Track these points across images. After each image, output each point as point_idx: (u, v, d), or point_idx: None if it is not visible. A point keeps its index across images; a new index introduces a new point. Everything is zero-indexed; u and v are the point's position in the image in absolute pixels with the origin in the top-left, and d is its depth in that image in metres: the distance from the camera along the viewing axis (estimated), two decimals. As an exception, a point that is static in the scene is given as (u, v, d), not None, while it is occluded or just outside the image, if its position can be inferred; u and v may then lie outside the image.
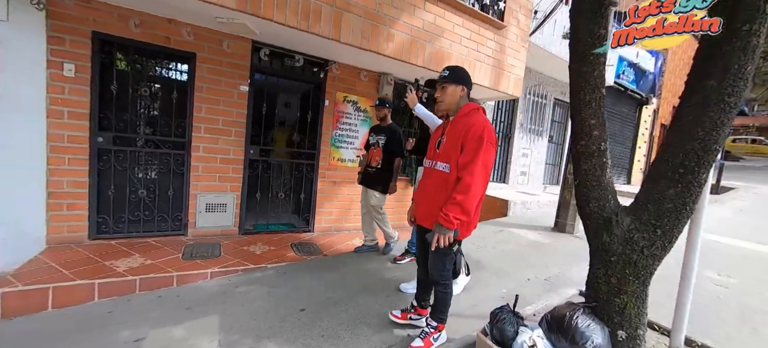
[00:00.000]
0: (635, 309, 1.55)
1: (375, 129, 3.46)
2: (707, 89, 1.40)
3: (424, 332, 1.95)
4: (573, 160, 1.73)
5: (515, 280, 2.94)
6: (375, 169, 3.32)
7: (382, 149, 3.28)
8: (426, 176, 1.92)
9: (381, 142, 3.31)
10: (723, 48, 1.37)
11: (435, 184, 1.79)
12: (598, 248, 1.63)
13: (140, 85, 3.29)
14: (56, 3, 2.85)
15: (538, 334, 1.56)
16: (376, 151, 3.33)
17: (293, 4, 3.00)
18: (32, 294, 2.31)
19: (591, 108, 1.61)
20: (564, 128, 7.90)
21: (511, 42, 4.84)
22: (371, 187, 3.33)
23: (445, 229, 1.63)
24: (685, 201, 1.45)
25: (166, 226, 3.49)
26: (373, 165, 3.34)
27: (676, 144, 1.48)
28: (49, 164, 2.96)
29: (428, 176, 1.88)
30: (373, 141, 3.39)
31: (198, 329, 2.12)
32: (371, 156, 3.39)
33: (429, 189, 1.84)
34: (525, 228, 4.53)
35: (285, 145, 4.77)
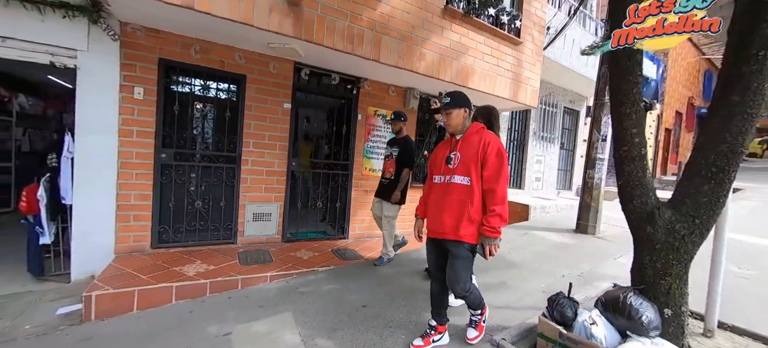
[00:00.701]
0: (679, 290, 1.80)
1: (391, 142, 3.57)
2: (732, 103, 1.68)
3: (474, 322, 2.11)
4: (616, 164, 1.99)
5: (551, 277, 3.17)
6: (389, 180, 3.42)
7: (395, 161, 3.40)
8: (442, 191, 1.94)
9: (395, 153, 3.43)
10: (742, 69, 1.65)
11: (459, 197, 1.86)
12: (643, 239, 1.89)
13: (198, 105, 3.59)
14: (129, 34, 3.18)
15: (596, 314, 1.79)
16: (389, 163, 3.45)
17: (340, 30, 3.33)
18: (120, 297, 2.55)
19: (631, 119, 1.89)
20: (573, 135, 8.19)
21: (527, 56, 5.17)
22: (385, 198, 3.43)
23: (491, 239, 1.79)
24: (719, 195, 1.71)
25: (218, 235, 3.74)
26: (387, 176, 3.45)
27: (708, 147, 1.75)
28: (119, 179, 3.23)
29: (446, 191, 1.92)
30: (388, 153, 3.51)
31: (276, 324, 2.35)
32: (385, 167, 3.50)
33: (451, 202, 1.88)
34: (547, 231, 4.77)
35: (322, 157, 5.05)
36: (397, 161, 3.39)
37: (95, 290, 2.50)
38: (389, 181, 3.43)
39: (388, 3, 3.64)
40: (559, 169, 7.90)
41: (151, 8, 2.73)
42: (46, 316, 2.55)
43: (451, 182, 1.91)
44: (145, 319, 2.47)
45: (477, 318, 2.10)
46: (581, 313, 1.83)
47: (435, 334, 2.08)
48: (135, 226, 3.34)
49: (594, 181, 4.61)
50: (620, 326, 1.74)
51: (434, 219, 1.98)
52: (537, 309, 2.48)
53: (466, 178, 1.86)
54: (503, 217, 1.80)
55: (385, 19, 3.63)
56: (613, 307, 1.78)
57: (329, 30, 3.28)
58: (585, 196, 4.68)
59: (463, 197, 1.85)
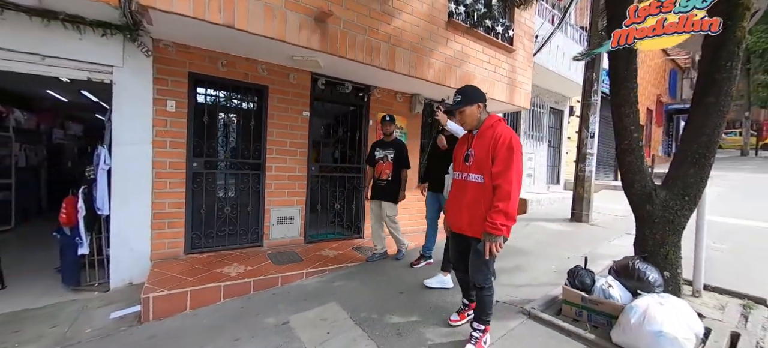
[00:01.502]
0: (674, 255, 2.20)
1: (380, 144, 3.69)
2: (708, 104, 2.10)
3: (474, 338, 1.98)
4: (618, 155, 2.39)
5: (558, 259, 3.56)
6: (386, 181, 3.56)
7: (392, 163, 3.55)
8: (459, 188, 1.99)
9: (390, 156, 3.56)
10: (715, 76, 2.07)
11: (474, 195, 1.87)
12: (644, 216, 2.28)
13: (224, 116, 3.78)
14: (161, 50, 3.34)
15: (610, 279, 2.16)
16: (385, 165, 3.56)
17: (360, 43, 3.63)
18: (175, 297, 2.71)
19: (630, 118, 2.29)
20: (559, 133, 8.79)
21: (520, 63, 5.64)
22: (385, 199, 3.58)
23: (493, 236, 1.73)
24: (702, 176, 2.13)
25: (246, 239, 3.91)
26: (384, 178, 3.57)
27: (691, 139, 2.17)
28: (154, 188, 3.37)
29: (462, 188, 1.96)
30: (381, 155, 3.60)
31: (326, 312, 2.59)
32: (381, 170, 3.58)
33: (467, 201, 1.90)
34: (546, 221, 5.21)
35: (337, 161, 5.28)
36: (395, 163, 3.56)
37: (152, 292, 2.65)
38: (386, 182, 3.57)
39: (400, 18, 3.97)
40: (548, 166, 8.46)
41: (192, 27, 2.93)
42: (101, 320, 2.67)
43: (467, 180, 1.92)
44: (200, 316, 2.65)
45: (478, 335, 1.97)
46: (598, 279, 2.20)
47: (468, 310, 2.32)
48: (169, 232, 3.47)
49: (585, 174, 5.10)
50: (631, 287, 2.11)
51: (454, 215, 2.02)
52: (552, 285, 2.85)
53: (480, 177, 1.86)
54: (508, 215, 1.72)
55: (398, 33, 3.96)
56: (625, 273, 2.15)
57: (350, 44, 3.57)
58: (578, 188, 5.16)
59: (477, 196, 1.86)
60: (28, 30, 2.80)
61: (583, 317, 2.17)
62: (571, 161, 8.94)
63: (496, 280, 2.98)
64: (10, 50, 2.79)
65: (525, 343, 2.09)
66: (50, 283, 3.32)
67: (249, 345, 2.19)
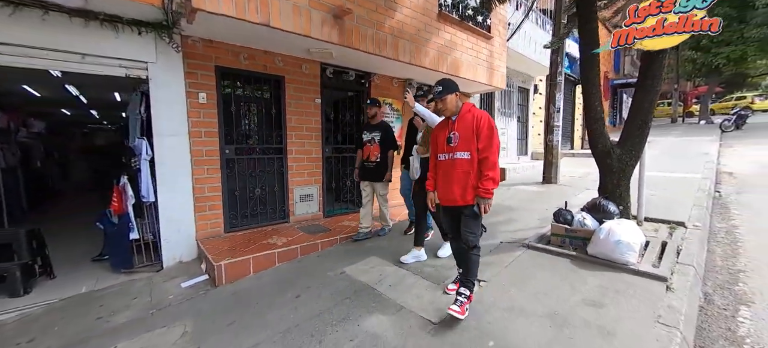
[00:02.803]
0: (626, 194, 3.09)
1: (367, 127, 3.84)
2: (647, 84, 2.93)
3: (459, 302, 2.14)
4: (587, 124, 3.20)
5: (539, 211, 4.44)
6: (375, 163, 3.71)
7: (379, 144, 3.70)
8: (448, 166, 2.21)
9: (377, 138, 3.70)
10: (651, 64, 2.89)
11: (464, 169, 2.14)
12: (605, 167, 3.13)
13: (248, 105, 4.11)
14: (189, 45, 3.59)
15: (584, 214, 2.99)
16: (373, 147, 3.71)
17: (370, 36, 4.12)
18: (239, 264, 3.16)
19: (595, 96, 3.09)
20: (526, 110, 9.85)
21: (496, 48, 6.40)
22: (375, 180, 3.79)
23: (486, 199, 2.08)
24: (644, 136, 2.99)
25: (275, 216, 4.35)
26: (372, 160, 3.72)
27: (637, 110, 3.01)
28: (194, 174, 3.69)
29: (451, 166, 2.19)
30: (368, 138, 3.73)
31: (370, 263, 3.20)
32: (369, 152, 3.73)
33: (458, 175, 2.16)
34: (523, 184, 6.16)
35: (345, 143, 5.73)
36: (382, 145, 3.71)
37: (221, 260, 3.08)
38: (375, 163, 3.72)
39: (401, 12, 4.48)
40: (518, 139, 9.52)
41: (228, 25, 3.24)
42: (175, 290, 3.06)
43: (455, 158, 2.17)
44: (265, 277, 3.14)
45: (464, 300, 2.15)
46: (576, 215, 3.02)
47: None
48: (210, 214, 3.83)
49: (553, 143, 6.07)
50: (598, 218, 2.95)
51: (445, 190, 2.25)
52: (539, 228, 3.69)
53: (467, 153, 2.14)
54: (495, 180, 2.09)
55: (400, 26, 4.47)
56: (593, 209, 2.99)
57: (363, 37, 4.04)
58: (547, 156, 6.13)
59: (466, 169, 2.14)
60: (68, 30, 2.96)
61: (566, 243, 2.99)
62: (536, 134, 10.12)
63: (497, 229, 3.78)
64: (54, 50, 2.94)
65: (528, 262, 2.87)
66: (97, 271, 3.58)
67: (321, 290, 2.74)
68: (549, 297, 2.34)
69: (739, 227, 3.76)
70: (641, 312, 2.09)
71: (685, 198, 4.50)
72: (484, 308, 2.27)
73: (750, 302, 2.39)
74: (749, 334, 2.07)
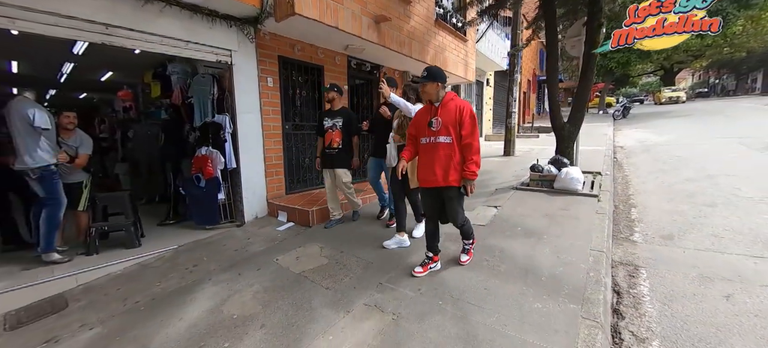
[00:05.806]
0: (572, 153, 4.89)
1: (328, 114, 3.71)
2: (587, 78, 4.71)
3: (465, 249, 2.57)
4: (550, 107, 4.89)
5: (512, 172, 6.18)
6: (337, 150, 3.62)
7: (341, 131, 3.61)
8: (430, 149, 2.34)
9: (338, 124, 3.61)
10: (588, 64, 4.68)
11: (446, 152, 2.29)
12: (560, 136, 4.89)
13: (300, 89, 4.96)
14: (260, 37, 4.33)
15: (550, 165, 4.70)
16: (335, 133, 3.62)
17: (396, 37, 5.29)
18: (322, 211, 4.14)
19: (555, 90, 4.78)
20: (481, 99, 11.88)
21: (469, 49, 8.04)
22: (338, 166, 3.67)
23: (471, 181, 2.28)
24: (582, 116, 4.80)
25: (318, 182, 5.30)
26: (334, 146, 3.62)
27: (580, 97, 4.80)
28: (265, 146, 4.48)
29: (433, 149, 2.33)
30: (330, 124, 3.64)
31: (415, 205, 4.48)
32: (330, 138, 3.64)
33: (440, 157, 2.30)
34: (490, 157, 7.99)
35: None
36: (345, 131, 3.64)
37: (310, 207, 4.03)
38: (337, 150, 3.63)
39: (414, 20, 5.71)
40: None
41: (306, 25, 4.11)
42: (273, 234, 3.92)
43: (437, 142, 2.31)
44: (348, 219, 4.19)
45: (469, 246, 2.56)
46: (544, 167, 4.72)
47: (431, 262, 2.55)
48: (275, 179, 4.66)
49: (511, 125, 7.98)
50: (558, 167, 4.66)
51: (426, 172, 2.37)
52: (517, 180, 5.38)
53: (448, 137, 2.28)
54: (478, 164, 2.27)
55: (413, 30, 5.71)
56: (555, 162, 4.73)
57: (393, 38, 5.19)
58: (507, 135, 8.04)
59: (448, 152, 2.29)
60: (179, 20, 3.55)
61: (540, 184, 4.68)
62: (487, 120, 12.27)
63: (488, 182, 5.36)
64: (169, 37, 3.51)
65: (520, 196, 4.47)
66: (177, 230, 4.18)
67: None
68: (539, 209, 3.93)
69: (629, 175, 5.98)
70: (587, 210, 3.80)
71: (598, 159, 6.71)
72: (506, 215, 3.76)
73: (635, 206, 4.32)
74: (637, 219, 3.93)
